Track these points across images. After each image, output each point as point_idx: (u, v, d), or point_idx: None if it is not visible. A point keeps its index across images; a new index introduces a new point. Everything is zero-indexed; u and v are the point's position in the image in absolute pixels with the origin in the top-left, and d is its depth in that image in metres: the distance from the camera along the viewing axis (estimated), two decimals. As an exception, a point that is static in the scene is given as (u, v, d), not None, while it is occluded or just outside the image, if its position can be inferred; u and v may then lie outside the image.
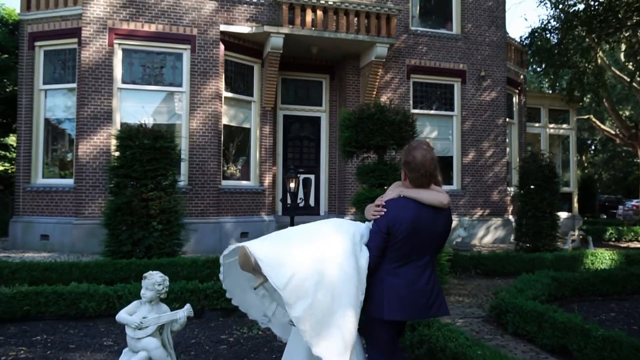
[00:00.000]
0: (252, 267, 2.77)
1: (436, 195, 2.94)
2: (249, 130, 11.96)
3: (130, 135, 8.13)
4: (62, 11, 10.79)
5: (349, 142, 7.69)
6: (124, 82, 10.63)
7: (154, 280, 3.42)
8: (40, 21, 10.99)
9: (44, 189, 10.69)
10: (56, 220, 10.44)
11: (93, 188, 10.19)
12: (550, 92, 23.00)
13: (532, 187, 10.51)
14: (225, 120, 11.44)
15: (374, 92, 12.37)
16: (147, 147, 8.03)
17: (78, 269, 7.10)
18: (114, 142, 8.68)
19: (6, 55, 15.88)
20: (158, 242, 8.04)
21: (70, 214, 10.35)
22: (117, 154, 8.27)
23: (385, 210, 2.90)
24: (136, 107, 10.66)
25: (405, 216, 2.86)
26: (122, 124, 10.39)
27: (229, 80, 11.57)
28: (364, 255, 2.85)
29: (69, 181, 10.71)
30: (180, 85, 10.93)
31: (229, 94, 11.52)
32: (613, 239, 14.60)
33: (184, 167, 10.62)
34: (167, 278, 3.50)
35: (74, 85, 10.74)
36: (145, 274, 3.45)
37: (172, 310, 3.58)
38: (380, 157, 7.81)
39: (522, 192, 10.74)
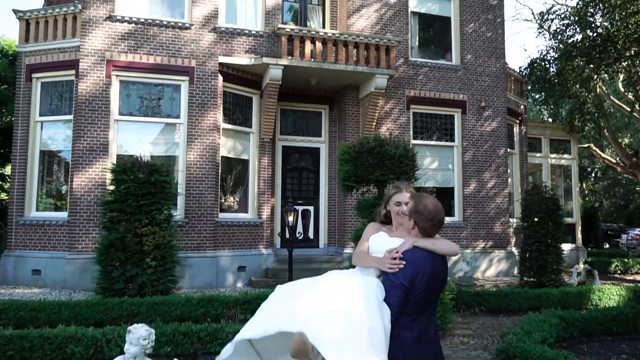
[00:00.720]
0: (308, 357, 2.61)
1: (449, 245, 3.00)
2: (247, 161, 11.81)
3: (125, 169, 7.98)
4: (60, 43, 10.76)
5: (349, 176, 7.53)
6: (121, 113, 10.52)
7: (139, 334, 3.20)
8: (38, 53, 10.95)
9: (37, 222, 10.47)
10: (49, 254, 10.19)
11: (87, 222, 9.98)
12: (551, 120, 23.00)
13: (535, 219, 10.31)
14: (223, 152, 11.29)
15: (374, 123, 12.26)
16: (142, 181, 7.88)
17: (67, 309, 6.85)
18: (109, 175, 8.51)
19: (5, 86, 15.86)
20: (152, 280, 7.82)
21: (63, 249, 10.11)
22: (111, 187, 8.11)
23: (404, 263, 2.82)
24: (133, 138, 10.54)
25: (425, 269, 2.83)
26: (118, 156, 10.27)
27: (227, 112, 11.47)
28: (387, 314, 2.75)
29: (63, 214, 10.50)
30: (178, 116, 10.83)
31: (227, 125, 11.40)
32: (619, 272, 14.30)
33: (180, 200, 10.43)
34: (153, 331, 3.28)
35: (71, 117, 10.63)
36: (129, 328, 3.23)
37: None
38: (381, 192, 7.63)
39: (525, 224, 10.54)
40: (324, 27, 13.39)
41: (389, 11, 13.03)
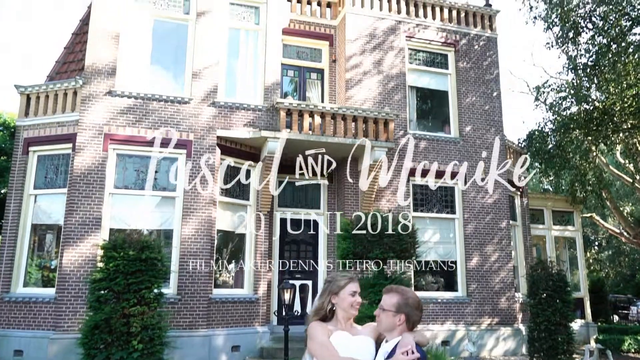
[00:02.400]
0: None
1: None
2: (243, 234, 11.52)
3: (115, 245, 7.73)
4: (58, 117, 10.78)
5: (347, 254, 7.26)
6: (116, 187, 10.38)
7: None
8: (36, 127, 10.94)
9: (22, 299, 10.03)
10: (32, 334, 9.69)
11: (75, 299, 9.57)
12: (551, 190, 22.88)
13: (543, 296, 9.91)
14: (219, 225, 11.04)
15: (373, 195, 12.09)
16: (132, 258, 7.60)
17: (44, 399, 6.35)
18: (99, 251, 8.22)
19: (4, 157, 15.90)
20: (137, 364, 7.34)
21: (48, 327, 9.64)
22: (100, 265, 7.81)
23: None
24: (127, 212, 10.34)
25: None
26: (111, 230, 10.03)
27: (225, 184, 11.30)
28: None
29: (50, 291, 10.08)
30: (174, 190, 10.66)
31: (224, 198, 11.22)
32: (633, 350, 13.63)
33: (173, 275, 10.07)
34: None
35: (65, 190, 10.45)
36: None
37: None
38: (381, 270, 7.33)
39: (532, 302, 10.12)
40: (322, 100, 13.54)
41: (387, 85, 13.21)
